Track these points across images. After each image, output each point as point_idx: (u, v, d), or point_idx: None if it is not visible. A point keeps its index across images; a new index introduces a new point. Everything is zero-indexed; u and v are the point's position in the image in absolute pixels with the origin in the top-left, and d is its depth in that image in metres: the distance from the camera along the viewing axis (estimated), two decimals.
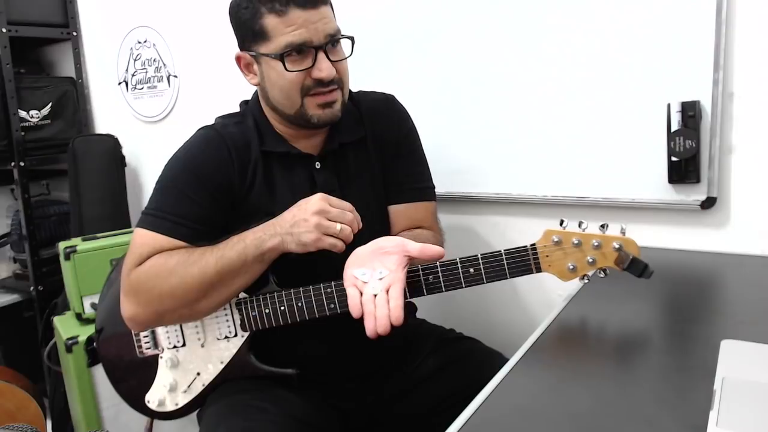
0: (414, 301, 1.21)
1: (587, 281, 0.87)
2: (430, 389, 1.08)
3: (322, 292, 0.94)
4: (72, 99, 2.29)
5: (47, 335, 2.00)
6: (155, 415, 1.07)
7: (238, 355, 1.01)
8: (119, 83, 2.19)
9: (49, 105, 2.22)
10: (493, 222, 1.39)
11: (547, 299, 1.32)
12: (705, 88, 1.07)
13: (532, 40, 1.24)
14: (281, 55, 0.94)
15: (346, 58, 1.01)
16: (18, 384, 1.90)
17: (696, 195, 1.11)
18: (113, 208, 2.11)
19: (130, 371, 1.08)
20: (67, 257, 1.71)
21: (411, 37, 1.39)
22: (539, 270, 0.86)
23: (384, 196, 1.10)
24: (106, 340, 1.10)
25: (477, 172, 1.36)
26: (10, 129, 2.11)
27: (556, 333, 0.83)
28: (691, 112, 1.07)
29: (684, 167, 1.10)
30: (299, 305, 0.96)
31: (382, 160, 1.10)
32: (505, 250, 0.87)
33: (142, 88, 2.12)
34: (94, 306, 1.69)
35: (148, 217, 0.99)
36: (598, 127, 1.19)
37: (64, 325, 1.75)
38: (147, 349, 1.06)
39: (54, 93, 2.23)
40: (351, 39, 1.01)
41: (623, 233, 0.83)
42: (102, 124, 2.35)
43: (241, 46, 1.02)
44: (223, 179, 1.00)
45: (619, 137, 1.17)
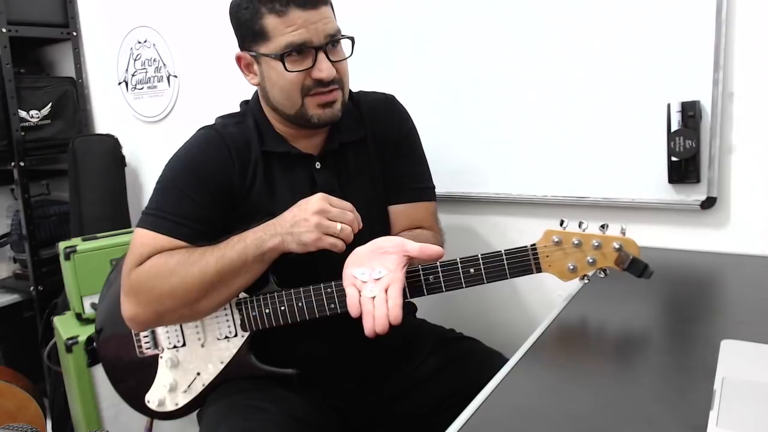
0: (414, 301, 1.21)
1: (587, 281, 0.87)
2: (430, 389, 1.08)
3: (323, 292, 0.94)
4: (72, 99, 2.29)
5: (47, 335, 2.00)
6: (155, 415, 1.07)
7: (238, 355, 1.01)
8: (119, 83, 2.19)
9: (49, 105, 2.21)
10: (493, 222, 1.39)
11: (547, 299, 1.32)
12: (705, 88, 1.07)
13: (532, 41, 1.24)
14: (281, 56, 0.94)
15: (346, 59, 1.01)
16: (18, 384, 1.90)
17: (696, 195, 1.11)
18: (113, 208, 2.11)
19: (130, 371, 1.08)
20: (67, 257, 1.71)
21: (411, 37, 1.39)
22: (539, 270, 0.86)
23: (384, 196, 1.10)
24: (105, 340, 1.10)
25: (477, 172, 1.36)
26: (10, 129, 2.11)
27: (556, 333, 0.83)
28: (691, 112, 1.07)
29: (684, 167, 1.10)
30: (299, 305, 0.96)
31: (382, 160, 1.10)
32: (505, 251, 0.87)
33: (142, 88, 2.12)
34: (94, 306, 1.69)
35: (149, 217, 0.99)
36: (598, 127, 1.19)
37: (64, 325, 1.75)
38: (147, 349, 1.06)
39: (54, 93, 2.23)
40: (351, 39, 1.01)
41: (623, 233, 0.83)
42: (102, 124, 2.35)
43: (242, 46, 1.02)
44: (223, 179, 1.00)
45: (619, 137, 1.17)
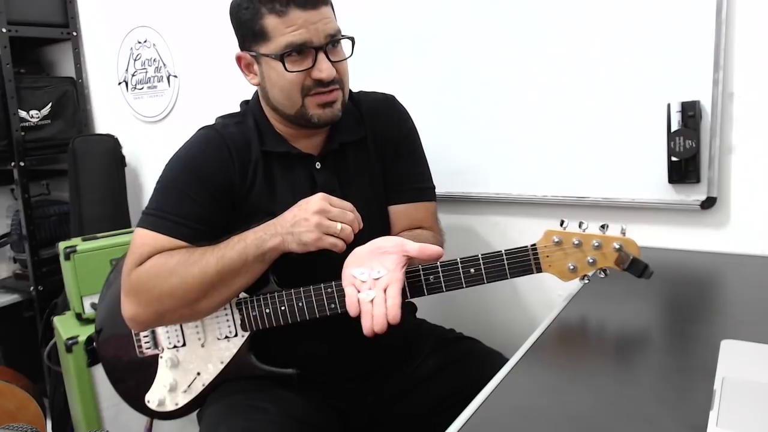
0: (414, 301, 1.21)
1: (587, 281, 0.87)
2: (430, 389, 1.08)
3: (323, 291, 0.94)
4: (72, 99, 2.28)
5: (47, 335, 2.00)
6: (155, 415, 1.07)
7: (239, 355, 1.01)
8: (119, 83, 2.19)
9: (49, 105, 2.21)
10: (493, 222, 1.39)
11: (547, 299, 1.32)
12: (705, 88, 1.07)
13: (532, 41, 1.24)
14: (281, 56, 0.94)
15: (346, 59, 1.01)
16: (18, 384, 1.90)
17: (696, 195, 1.11)
18: (113, 208, 2.11)
19: (129, 371, 1.08)
20: (67, 257, 1.71)
21: (411, 37, 1.39)
22: (540, 270, 0.86)
23: (384, 196, 1.10)
24: (105, 340, 1.10)
25: (477, 172, 1.36)
26: (10, 129, 2.11)
27: (556, 333, 0.83)
28: (691, 112, 1.07)
29: (684, 167, 1.10)
30: (300, 305, 0.96)
31: (382, 160, 1.10)
32: (505, 251, 0.87)
33: (142, 88, 2.12)
34: (94, 306, 1.69)
35: (149, 217, 0.99)
36: (598, 127, 1.19)
37: (64, 325, 1.75)
38: (147, 349, 1.06)
39: (54, 93, 2.23)
40: (351, 39, 1.01)
41: (623, 234, 0.83)
42: (102, 124, 2.35)
43: (242, 46, 1.02)
44: (223, 179, 1.00)
45: (619, 137, 1.17)
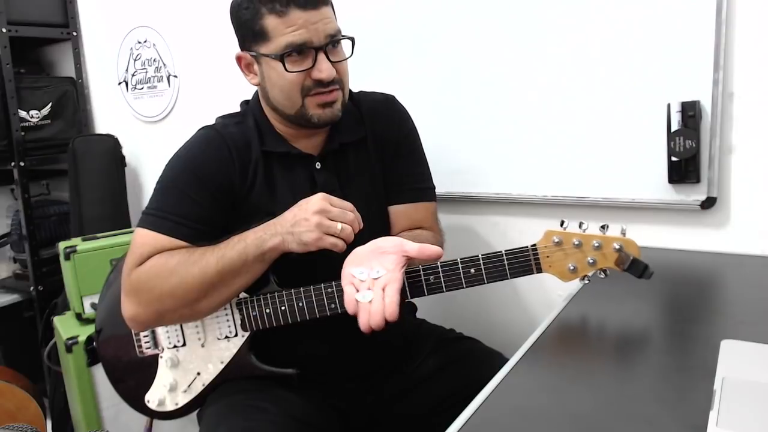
0: (414, 301, 1.21)
1: (587, 282, 0.87)
2: (430, 389, 1.08)
3: (323, 291, 0.94)
4: (72, 99, 2.28)
5: (47, 335, 2.00)
6: (155, 414, 1.07)
7: (239, 354, 1.01)
8: (119, 83, 2.19)
9: (49, 105, 2.21)
10: (493, 222, 1.39)
11: (547, 299, 1.32)
12: (705, 88, 1.07)
13: (532, 41, 1.24)
14: (281, 56, 0.94)
15: (346, 59, 1.01)
16: (18, 384, 1.90)
17: (696, 195, 1.11)
18: (113, 208, 2.11)
19: (129, 371, 1.08)
20: (67, 257, 1.71)
21: (411, 37, 1.39)
22: (540, 270, 0.86)
23: (384, 196, 1.10)
24: (105, 340, 1.10)
25: (477, 172, 1.36)
26: (10, 129, 2.11)
27: (556, 333, 0.83)
28: (691, 112, 1.07)
29: (684, 167, 1.10)
30: (300, 305, 0.96)
31: (382, 161, 1.10)
32: (505, 251, 0.87)
33: (142, 88, 2.12)
34: (94, 306, 1.69)
35: (149, 217, 0.99)
36: (598, 127, 1.19)
37: (64, 325, 1.75)
38: (147, 349, 1.06)
39: (54, 93, 2.23)
40: (351, 39, 1.01)
41: (623, 234, 0.83)
42: (102, 124, 2.35)
43: (242, 46, 1.02)
44: (223, 179, 1.00)
45: (619, 137, 1.17)
